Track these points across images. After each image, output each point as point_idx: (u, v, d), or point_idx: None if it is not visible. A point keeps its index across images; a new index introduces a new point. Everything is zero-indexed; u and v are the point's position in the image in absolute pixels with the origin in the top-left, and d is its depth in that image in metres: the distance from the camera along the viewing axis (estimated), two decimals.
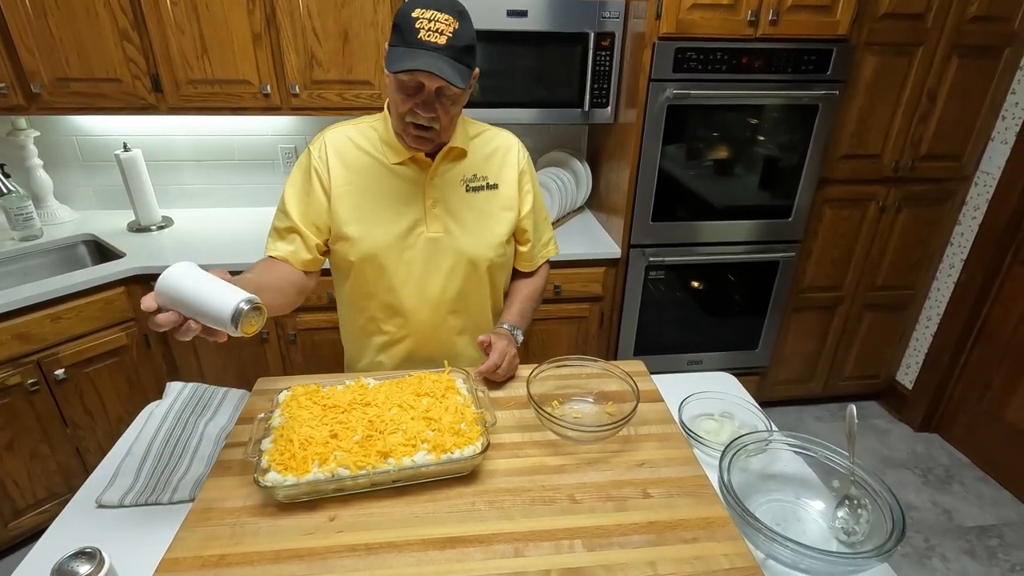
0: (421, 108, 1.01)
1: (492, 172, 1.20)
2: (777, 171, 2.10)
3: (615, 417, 1.04)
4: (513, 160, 1.22)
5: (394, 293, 1.18)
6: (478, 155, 1.19)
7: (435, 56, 0.94)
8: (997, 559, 1.99)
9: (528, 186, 1.24)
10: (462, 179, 1.17)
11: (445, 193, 1.16)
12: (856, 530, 0.86)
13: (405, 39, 0.96)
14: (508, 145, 1.23)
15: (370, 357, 1.28)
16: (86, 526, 0.89)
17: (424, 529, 0.83)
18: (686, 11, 1.80)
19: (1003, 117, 2.19)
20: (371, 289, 1.19)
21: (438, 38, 0.95)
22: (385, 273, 1.16)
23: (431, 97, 1.00)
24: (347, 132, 1.16)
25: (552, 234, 1.36)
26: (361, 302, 1.22)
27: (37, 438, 1.80)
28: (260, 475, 0.84)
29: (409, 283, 1.18)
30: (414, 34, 0.95)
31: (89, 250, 2.13)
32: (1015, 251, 2.22)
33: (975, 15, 1.99)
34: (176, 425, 1.08)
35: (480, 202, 1.19)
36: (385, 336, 1.24)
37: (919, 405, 2.58)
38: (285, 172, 2.37)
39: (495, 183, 1.20)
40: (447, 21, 0.95)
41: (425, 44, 0.95)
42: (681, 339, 2.34)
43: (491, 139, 1.22)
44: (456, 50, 0.96)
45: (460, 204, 1.17)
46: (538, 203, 1.29)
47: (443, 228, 1.16)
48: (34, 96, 1.82)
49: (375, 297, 1.19)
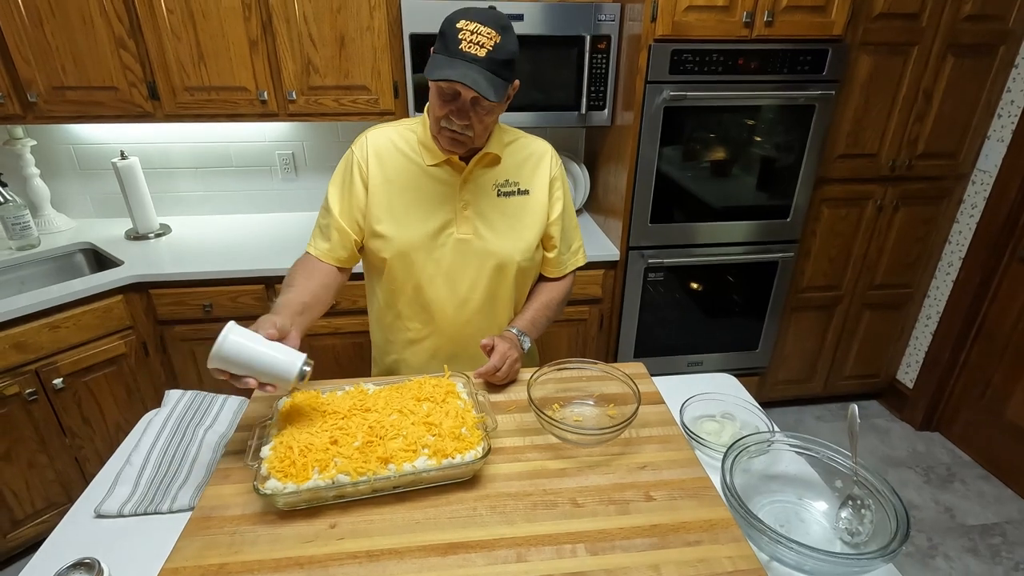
0: (456, 115, 1.05)
1: (524, 178, 1.22)
2: (774, 171, 2.10)
3: (616, 420, 1.04)
4: (546, 167, 1.24)
5: (421, 291, 1.21)
6: (511, 161, 1.21)
7: (473, 68, 0.98)
8: (1000, 557, 1.98)
9: (559, 192, 1.26)
10: (494, 184, 1.20)
11: (477, 196, 1.18)
12: (860, 531, 0.86)
13: (447, 48, 0.99)
14: (542, 152, 1.25)
15: (397, 353, 1.31)
16: (85, 536, 0.89)
17: (425, 535, 0.83)
18: (681, 13, 1.80)
19: (999, 115, 2.20)
20: (400, 286, 1.22)
21: (478, 50, 0.98)
22: (414, 270, 1.19)
23: (466, 106, 1.04)
24: (388, 133, 1.19)
25: (581, 243, 1.37)
26: (391, 299, 1.25)
27: (35, 448, 1.79)
28: (260, 483, 0.84)
29: (436, 281, 1.21)
30: (456, 44, 0.98)
31: (87, 258, 2.13)
32: (1013, 248, 2.22)
33: (969, 14, 2.00)
34: (175, 433, 1.08)
35: (511, 207, 1.21)
36: (411, 332, 1.27)
37: (920, 404, 2.58)
38: (283, 178, 2.37)
39: (527, 189, 1.22)
40: (489, 34, 0.98)
41: (465, 55, 0.98)
42: (681, 340, 2.34)
43: (525, 146, 1.24)
44: (495, 63, 0.99)
45: (491, 208, 1.19)
46: (568, 210, 1.30)
47: (472, 230, 1.19)
48: (30, 105, 1.82)
49: (403, 294, 1.23)
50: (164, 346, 1.98)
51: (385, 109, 2.01)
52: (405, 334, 1.28)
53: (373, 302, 1.33)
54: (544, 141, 1.27)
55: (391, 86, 1.98)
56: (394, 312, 1.27)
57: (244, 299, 1.93)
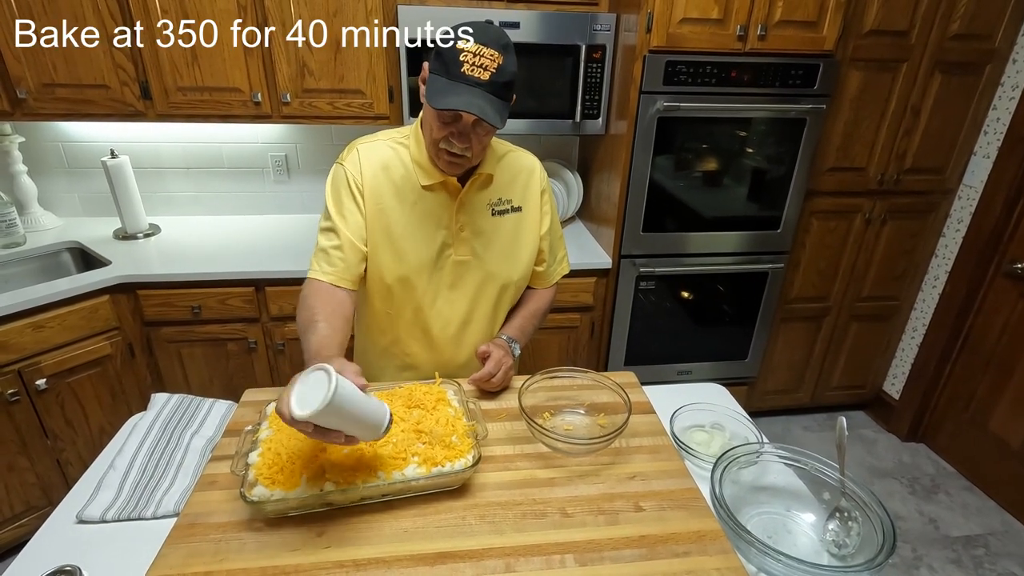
0: (456, 138, 1.01)
1: (517, 195, 1.21)
2: (765, 183, 2.12)
3: (606, 429, 1.04)
4: (536, 182, 1.23)
5: (422, 314, 1.18)
6: (503, 178, 1.19)
7: (476, 93, 0.94)
8: (984, 568, 2.00)
9: (547, 206, 1.26)
10: (488, 203, 1.18)
11: (473, 217, 1.16)
12: (847, 543, 0.86)
13: (448, 70, 0.95)
14: (531, 167, 1.24)
15: (392, 376, 1.27)
16: (66, 542, 0.87)
17: (413, 544, 0.82)
18: (676, 25, 1.82)
19: (985, 132, 2.24)
20: (399, 310, 1.18)
21: (482, 73, 0.94)
22: (415, 294, 1.16)
23: (467, 129, 1.00)
24: (380, 149, 1.13)
25: (565, 251, 1.37)
26: (388, 323, 1.21)
27: (16, 450, 1.75)
28: (247, 489, 0.83)
29: (437, 304, 1.18)
30: (457, 67, 0.94)
31: (73, 258, 2.10)
32: (998, 263, 2.25)
33: (957, 33, 2.04)
34: (161, 438, 1.06)
35: (506, 225, 1.20)
36: (408, 357, 1.24)
37: (905, 415, 2.60)
38: (275, 180, 2.35)
39: (519, 206, 1.21)
40: (492, 56, 0.94)
41: (468, 79, 0.94)
42: (671, 349, 2.34)
43: (515, 160, 1.22)
44: (498, 86, 0.95)
45: (487, 228, 1.18)
46: (555, 222, 1.30)
47: (471, 252, 1.17)
48: (19, 101, 1.80)
49: (402, 318, 1.19)
50: (151, 348, 1.95)
51: (380, 113, 2.01)
52: (403, 359, 1.25)
53: (363, 325, 1.27)
54: (531, 154, 1.26)
55: (386, 91, 1.98)
56: (390, 336, 1.23)
57: (233, 301, 1.91)
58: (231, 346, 1.99)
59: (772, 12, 1.84)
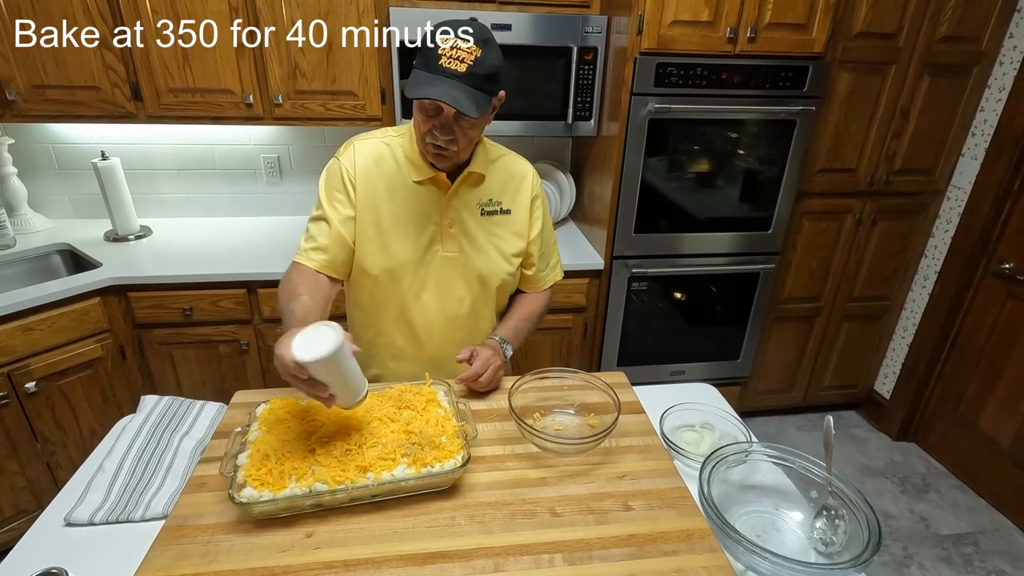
0: (439, 131, 1.04)
1: (507, 198, 1.23)
2: (757, 184, 2.13)
3: (596, 429, 1.04)
4: (527, 188, 1.25)
5: (407, 308, 1.21)
6: (495, 181, 1.22)
7: (453, 84, 0.96)
8: (973, 567, 2.02)
9: (539, 212, 1.28)
10: (478, 203, 1.20)
11: (462, 214, 1.19)
12: (834, 540, 0.87)
13: (428, 64, 0.98)
14: (524, 173, 1.26)
15: (379, 368, 1.30)
16: (53, 545, 0.87)
17: (403, 545, 0.82)
18: (667, 27, 1.83)
19: (973, 133, 2.26)
20: (384, 303, 1.21)
21: (458, 66, 0.97)
22: (400, 288, 1.19)
23: (449, 121, 1.03)
24: (375, 145, 1.17)
25: (559, 258, 1.39)
26: (372, 317, 1.24)
27: (5, 453, 1.74)
28: (236, 491, 0.83)
29: (423, 299, 1.21)
30: (435, 60, 0.97)
31: (64, 260, 2.09)
32: (986, 263, 2.27)
33: (945, 35, 2.06)
34: (150, 440, 1.06)
35: (493, 225, 1.22)
36: (393, 349, 1.27)
37: (896, 414, 2.62)
38: (267, 182, 2.35)
39: (508, 208, 1.23)
40: (469, 50, 0.97)
41: (445, 71, 0.97)
42: (664, 350, 2.35)
43: (508, 165, 1.24)
44: (476, 78, 0.98)
45: (475, 226, 1.20)
46: (547, 228, 1.32)
47: (458, 248, 1.19)
48: (9, 103, 1.79)
49: (387, 311, 1.22)
50: (142, 350, 1.94)
51: (372, 115, 2.01)
52: (388, 351, 1.27)
53: (353, 317, 1.30)
54: (526, 161, 1.29)
55: (378, 92, 1.98)
56: (376, 329, 1.26)
57: (225, 303, 1.91)
58: (223, 348, 1.98)
59: (762, 14, 1.85)
